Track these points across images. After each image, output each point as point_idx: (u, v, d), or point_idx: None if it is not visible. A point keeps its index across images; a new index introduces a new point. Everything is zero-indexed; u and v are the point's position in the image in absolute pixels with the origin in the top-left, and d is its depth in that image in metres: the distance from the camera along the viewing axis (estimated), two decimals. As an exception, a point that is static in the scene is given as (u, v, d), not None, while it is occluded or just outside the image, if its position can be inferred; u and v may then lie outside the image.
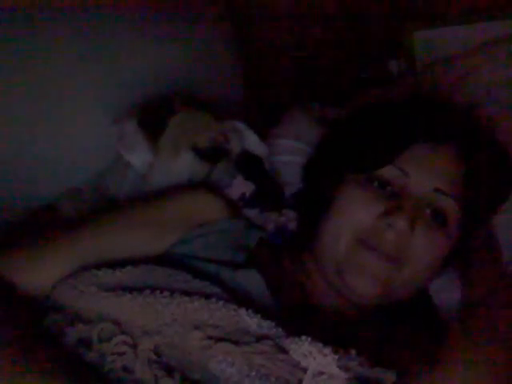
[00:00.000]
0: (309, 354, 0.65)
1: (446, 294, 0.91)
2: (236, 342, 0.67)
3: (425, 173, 0.82)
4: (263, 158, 0.96)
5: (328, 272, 0.82)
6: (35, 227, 0.99)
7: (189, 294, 0.70)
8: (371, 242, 0.79)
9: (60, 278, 0.75)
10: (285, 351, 0.66)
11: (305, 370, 0.65)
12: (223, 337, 0.67)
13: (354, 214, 0.81)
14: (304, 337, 0.66)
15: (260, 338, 0.67)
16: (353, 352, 0.66)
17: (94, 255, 0.78)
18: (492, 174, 0.87)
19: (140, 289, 0.71)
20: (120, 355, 0.66)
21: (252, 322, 0.69)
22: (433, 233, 0.81)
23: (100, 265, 0.75)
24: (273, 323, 0.69)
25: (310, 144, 1.04)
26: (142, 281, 0.73)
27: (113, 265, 0.75)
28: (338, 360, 0.64)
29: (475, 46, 1.19)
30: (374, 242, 0.79)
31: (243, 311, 0.69)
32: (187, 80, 1.10)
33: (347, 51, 1.42)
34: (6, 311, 0.69)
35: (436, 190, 0.81)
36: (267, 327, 0.68)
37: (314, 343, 0.66)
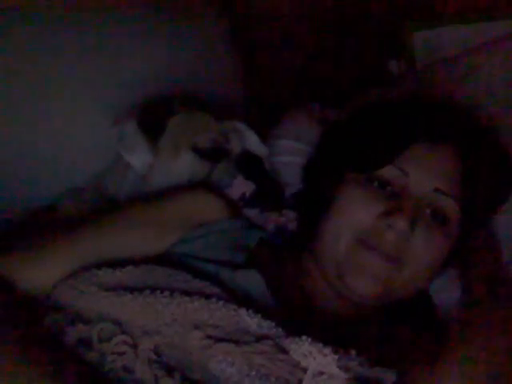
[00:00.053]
0: (309, 354, 0.65)
1: (446, 294, 0.91)
2: (236, 342, 0.67)
3: (425, 173, 0.82)
4: (263, 158, 0.96)
5: (328, 272, 0.82)
6: (35, 227, 0.99)
7: (189, 294, 0.70)
8: (371, 242, 0.79)
9: (60, 278, 0.76)
10: (285, 351, 0.66)
11: (305, 370, 0.65)
12: (223, 337, 0.67)
13: (354, 214, 0.81)
14: (304, 337, 0.66)
15: (260, 338, 0.67)
16: (353, 352, 0.66)
17: (95, 255, 0.78)
18: (492, 174, 0.87)
19: (140, 289, 0.71)
20: (120, 355, 0.67)
21: (252, 322, 0.69)
22: (433, 233, 0.81)
23: (100, 265, 0.76)
24: (273, 323, 0.69)
25: (310, 144, 1.04)
26: (142, 281, 0.73)
27: (113, 265, 0.75)
28: (338, 360, 0.64)
29: (475, 46, 1.19)
30: (374, 242, 0.79)
31: (243, 311, 0.69)
32: (187, 80, 1.10)
33: (347, 51, 1.42)
34: (6, 311, 0.69)
35: (436, 190, 0.81)
36: (267, 327, 0.68)
37: (314, 343, 0.65)
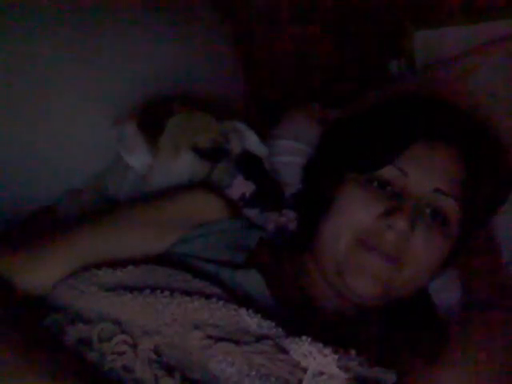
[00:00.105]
0: (309, 354, 0.65)
1: (446, 294, 0.91)
2: (236, 342, 0.67)
3: (425, 173, 0.82)
4: (263, 159, 0.96)
5: (328, 272, 0.82)
6: (35, 228, 0.99)
7: (189, 294, 0.70)
8: (371, 243, 0.79)
9: (60, 278, 0.76)
10: (285, 351, 0.66)
11: (305, 370, 0.65)
12: (223, 336, 0.67)
13: (354, 215, 0.81)
14: (304, 337, 0.66)
15: (260, 338, 0.67)
16: (353, 352, 0.66)
17: (94, 255, 0.78)
18: (492, 174, 0.87)
19: (140, 288, 0.71)
20: (120, 355, 0.67)
21: (252, 322, 0.69)
22: (433, 233, 0.81)
23: (100, 265, 0.76)
24: (273, 323, 0.69)
25: (310, 144, 1.04)
26: (143, 280, 0.73)
27: (113, 265, 0.75)
28: (338, 360, 0.64)
29: (475, 46, 1.19)
30: (374, 243, 0.79)
31: (243, 311, 0.69)
32: (187, 80, 1.10)
33: (347, 51, 1.42)
34: (6, 311, 0.69)
35: (436, 190, 0.81)
36: (267, 327, 0.68)
37: (314, 343, 0.66)
